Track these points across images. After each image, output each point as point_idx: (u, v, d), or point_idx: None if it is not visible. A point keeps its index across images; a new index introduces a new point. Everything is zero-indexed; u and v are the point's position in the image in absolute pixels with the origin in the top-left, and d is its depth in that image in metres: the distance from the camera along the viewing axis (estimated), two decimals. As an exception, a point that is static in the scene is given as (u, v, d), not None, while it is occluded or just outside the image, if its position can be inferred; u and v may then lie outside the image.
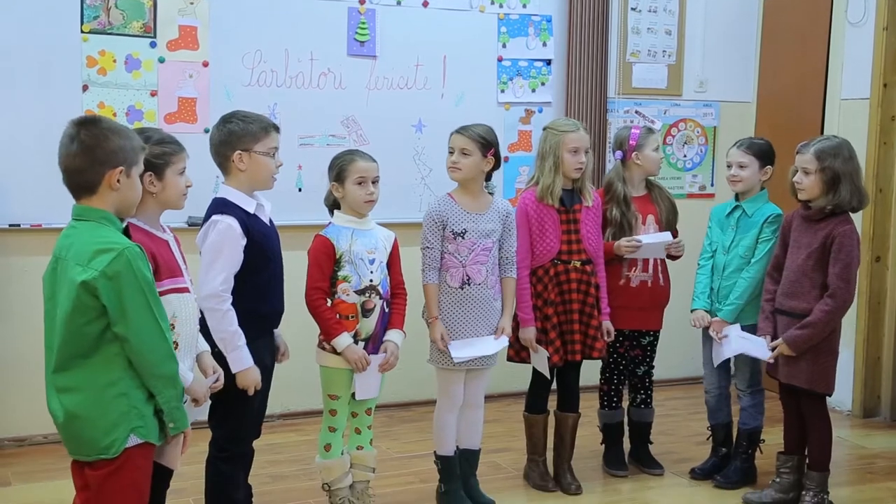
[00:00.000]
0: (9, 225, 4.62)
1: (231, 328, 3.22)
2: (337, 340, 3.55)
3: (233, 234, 3.25)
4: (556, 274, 4.07)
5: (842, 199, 3.81)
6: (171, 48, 4.84)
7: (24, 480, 4.29)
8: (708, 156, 6.12)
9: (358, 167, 3.61)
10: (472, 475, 4.06)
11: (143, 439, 2.60)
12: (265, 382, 3.45)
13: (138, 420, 2.58)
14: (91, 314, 2.51)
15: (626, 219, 4.30)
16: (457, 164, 3.86)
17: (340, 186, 3.63)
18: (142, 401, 2.59)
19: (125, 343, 2.54)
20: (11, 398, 4.68)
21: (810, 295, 3.88)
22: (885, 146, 5.32)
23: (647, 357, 4.49)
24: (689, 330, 4.46)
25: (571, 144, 4.05)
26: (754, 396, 4.30)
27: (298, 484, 4.25)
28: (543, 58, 5.64)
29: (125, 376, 2.56)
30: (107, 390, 2.55)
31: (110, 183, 2.57)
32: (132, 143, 2.63)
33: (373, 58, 5.22)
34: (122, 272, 2.49)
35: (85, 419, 2.56)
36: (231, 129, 3.33)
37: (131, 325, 2.52)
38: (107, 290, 2.49)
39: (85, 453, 2.60)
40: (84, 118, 2.66)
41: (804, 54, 5.77)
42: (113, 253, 2.50)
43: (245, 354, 3.25)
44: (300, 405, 5.12)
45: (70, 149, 2.56)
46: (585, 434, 4.47)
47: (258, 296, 3.34)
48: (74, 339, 2.54)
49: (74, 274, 2.50)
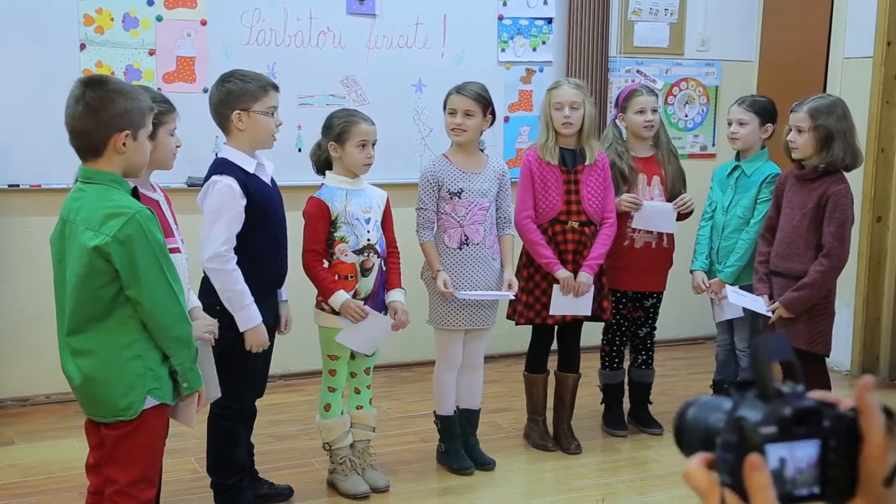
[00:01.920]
0: (8, 185, 4.61)
1: (237, 287, 3.23)
2: (334, 298, 3.55)
3: (232, 194, 3.24)
4: (554, 234, 4.06)
5: (835, 157, 3.79)
6: (169, 6, 4.79)
7: (27, 440, 4.31)
8: (709, 116, 6.08)
9: (360, 130, 3.59)
10: (472, 435, 4.09)
11: (159, 401, 2.63)
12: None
13: (154, 382, 2.61)
14: (104, 278, 2.52)
15: (625, 176, 4.26)
16: (461, 126, 3.84)
17: (340, 147, 3.61)
18: (157, 362, 2.62)
19: (138, 306, 2.55)
20: (14, 358, 4.70)
21: (805, 256, 3.87)
22: (888, 105, 5.28)
23: (650, 318, 4.49)
24: (689, 290, 4.47)
25: (555, 100, 4.02)
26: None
27: (299, 444, 4.28)
28: (544, 16, 5.59)
29: (140, 338, 2.58)
30: (122, 352, 2.57)
31: (116, 146, 2.54)
32: (139, 105, 2.59)
33: (372, 16, 5.18)
34: (133, 236, 2.50)
35: (102, 382, 2.59)
36: (229, 88, 3.31)
37: (144, 289, 2.53)
38: (119, 254, 2.49)
39: (102, 415, 2.63)
40: (91, 78, 2.63)
41: (807, 13, 5.72)
42: (124, 217, 2.49)
43: (253, 313, 3.26)
44: (300, 366, 5.14)
45: (75, 110, 2.54)
46: (585, 394, 4.49)
47: (258, 256, 3.34)
48: (88, 302, 2.55)
49: (86, 239, 2.50)
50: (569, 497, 3.84)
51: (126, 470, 2.65)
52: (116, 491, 2.66)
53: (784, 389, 0.87)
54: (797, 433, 0.85)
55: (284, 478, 3.83)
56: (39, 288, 4.61)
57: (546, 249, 4.01)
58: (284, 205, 3.52)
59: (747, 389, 0.89)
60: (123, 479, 2.65)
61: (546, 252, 4.00)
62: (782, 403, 0.85)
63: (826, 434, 0.86)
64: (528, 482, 4.06)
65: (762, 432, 0.84)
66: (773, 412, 0.85)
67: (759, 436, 0.84)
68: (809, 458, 0.86)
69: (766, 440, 0.84)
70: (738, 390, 0.89)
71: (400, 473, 3.97)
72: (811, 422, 0.86)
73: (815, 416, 0.86)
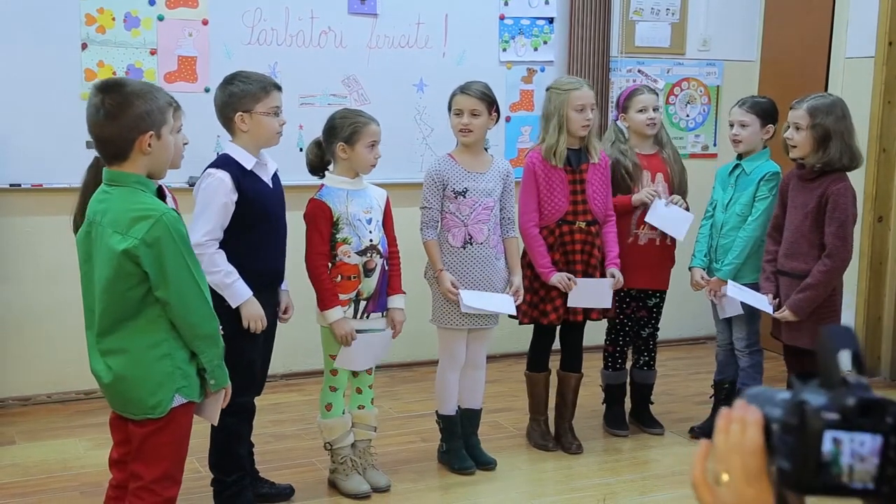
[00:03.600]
0: (9, 185, 4.61)
1: (218, 267, 3.27)
2: (329, 312, 3.57)
3: (222, 188, 3.28)
4: (561, 235, 4.05)
5: (831, 156, 3.79)
6: (170, 6, 4.79)
7: (28, 439, 4.31)
8: (711, 116, 6.08)
9: (371, 130, 3.61)
10: (473, 434, 4.09)
11: (187, 399, 2.66)
12: (267, 339, 3.48)
13: (183, 380, 2.64)
14: (133, 280, 2.55)
15: (630, 173, 4.25)
16: (468, 126, 3.84)
17: (349, 148, 3.60)
18: (185, 361, 2.64)
19: (167, 306, 2.58)
20: (15, 357, 4.70)
21: (809, 255, 3.87)
22: (890, 105, 5.28)
23: (653, 319, 4.49)
24: (690, 290, 4.46)
25: (577, 102, 4.01)
26: (752, 356, 4.30)
27: (301, 443, 4.28)
28: (546, 16, 5.59)
29: (168, 337, 2.61)
30: (151, 351, 2.60)
31: (142, 148, 2.56)
32: (158, 104, 2.60)
33: (373, 16, 5.18)
34: (161, 238, 2.52)
35: (131, 380, 2.62)
36: (231, 90, 3.36)
37: (172, 289, 2.56)
38: (148, 257, 2.52)
39: (132, 412, 2.66)
40: (106, 83, 2.62)
41: (809, 12, 5.72)
42: (151, 220, 2.51)
43: (240, 287, 3.31)
44: (302, 365, 5.14)
45: (97, 118, 2.55)
46: (587, 394, 4.49)
47: (251, 252, 3.36)
48: (117, 304, 2.58)
49: (114, 242, 2.52)
50: (570, 497, 3.84)
51: (151, 467, 2.67)
52: (141, 487, 2.69)
53: (849, 379, 0.85)
54: (860, 424, 0.83)
55: (285, 477, 3.83)
56: (41, 287, 4.63)
57: (544, 258, 4.02)
58: (286, 205, 3.53)
59: (810, 379, 0.87)
60: (148, 476, 2.67)
61: (544, 261, 4.02)
62: (847, 392, 0.83)
63: (888, 430, 0.84)
64: (530, 482, 4.06)
65: (824, 417, 0.82)
66: (836, 399, 0.83)
67: (821, 420, 0.82)
68: (871, 450, 0.83)
69: (828, 426, 0.82)
70: (800, 380, 0.88)
71: (401, 473, 3.97)
72: (874, 415, 0.83)
73: (879, 410, 0.84)
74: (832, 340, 0.86)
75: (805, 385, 0.86)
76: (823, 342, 0.86)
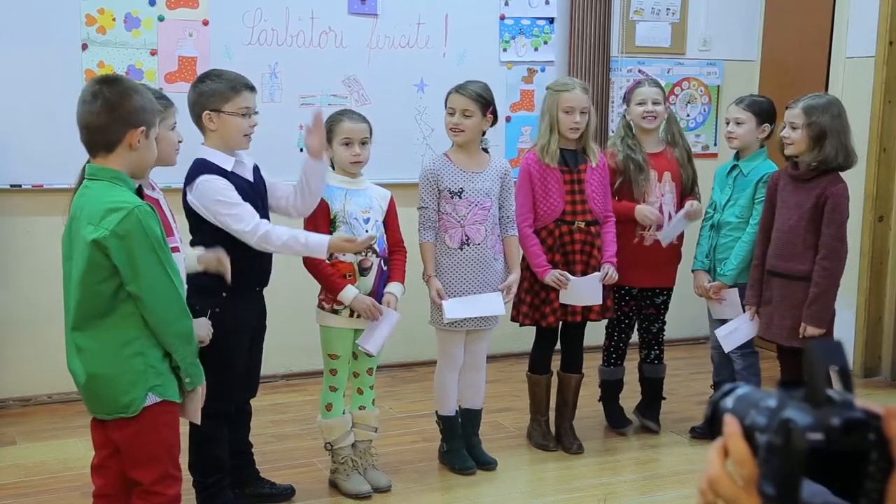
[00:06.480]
0: (10, 185, 4.61)
1: (283, 237, 3.24)
2: (343, 294, 3.54)
3: (221, 181, 3.24)
4: (560, 235, 4.04)
5: (827, 155, 3.79)
6: (171, 6, 4.79)
7: (29, 440, 4.31)
8: (711, 115, 6.08)
9: (343, 128, 3.60)
10: (474, 434, 4.09)
11: (161, 397, 2.64)
12: (254, 342, 3.45)
13: (155, 379, 2.62)
14: (103, 273, 2.54)
15: (640, 167, 4.22)
16: (459, 125, 3.83)
17: (329, 146, 3.61)
18: (158, 359, 2.63)
19: (139, 301, 2.56)
20: (16, 358, 4.70)
21: (804, 256, 3.86)
22: (890, 105, 5.27)
23: (661, 314, 4.48)
24: (691, 290, 4.46)
25: (565, 104, 3.98)
26: (746, 359, 4.27)
27: (301, 443, 4.28)
28: (546, 16, 5.59)
29: (141, 335, 2.60)
30: (123, 349, 2.59)
31: (130, 142, 2.56)
32: (152, 105, 2.64)
33: (374, 16, 5.18)
34: (132, 231, 2.51)
35: (103, 378, 2.61)
36: (201, 89, 3.30)
37: (144, 284, 2.54)
38: (117, 249, 2.50)
39: (105, 412, 2.66)
40: (105, 76, 2.66)
41: (809, 12, 5.71)
42: (123, 212, 2.51)
43: (315, 236, 3.31)
44: (302, 366, 5.14)
45: (93, 106, 2.55)
46: (587, 394, 4.48)
47: (242, 251, 3.26)
48: (89, 298, 2.57)
49: (86, 233, 2.52)
50: (570, 497, 3.84)
51: (147, 469, 2.68)
52: (143, 490, 2.70)
53: (834, 397, 0.85)
54: (843, 444, 0.84)
55: (286, 477, 3.83)
56: (41, 288, 4.62)
57: (539, 257, 4.00)
58: (288, 204, 3.53)
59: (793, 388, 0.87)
60: (147, 479, 2.68)
61: (538, 260, 4.00)
62: (831, 412, 0.84)
63: (869, 447, 0.85)
64: (530, 482, 4.06)
65: (809, 438, 0.83)
66: (822, 419, 0.83)
67: (806, 441, 0.82)
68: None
69: (812, 448, 0.83)
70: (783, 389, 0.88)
71: (402, 473, 3.97)
72: (858, 434, 0.84)
73: (862, 428, 0.84)
74: (820, 355, 0.86)
75: (789, 396, 0.87)
76: (811, 357, 0.86)
